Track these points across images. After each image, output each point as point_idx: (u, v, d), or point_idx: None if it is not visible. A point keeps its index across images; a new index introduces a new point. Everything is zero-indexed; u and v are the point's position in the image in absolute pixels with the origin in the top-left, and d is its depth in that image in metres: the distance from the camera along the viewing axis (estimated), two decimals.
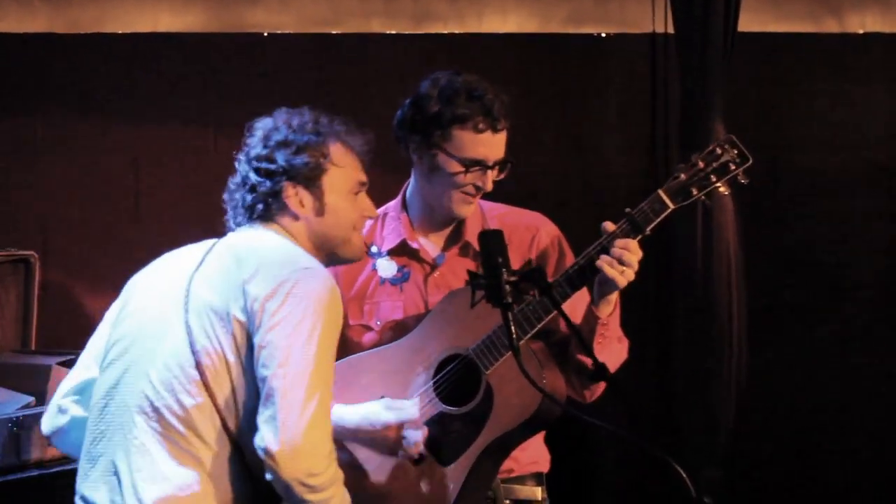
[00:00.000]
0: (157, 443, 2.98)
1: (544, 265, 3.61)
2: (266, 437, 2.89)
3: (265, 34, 5.46)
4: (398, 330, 3.60)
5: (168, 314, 3.07)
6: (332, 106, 3.34)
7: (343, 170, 3.23)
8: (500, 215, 3.71)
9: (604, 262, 3.33)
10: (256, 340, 2.95)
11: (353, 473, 3.40)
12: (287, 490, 2.92)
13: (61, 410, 3.24)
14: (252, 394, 2.98)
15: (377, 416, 3.41)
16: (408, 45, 5.47)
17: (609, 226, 3.38)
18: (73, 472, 3.17)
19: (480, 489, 3.50)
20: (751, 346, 5.06)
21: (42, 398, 4.18)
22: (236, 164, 3.28)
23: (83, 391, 3.22)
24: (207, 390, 2.97)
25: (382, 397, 3.46)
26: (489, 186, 3.55)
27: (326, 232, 3.21)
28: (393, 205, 3.73)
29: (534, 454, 3.67)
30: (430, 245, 3.67)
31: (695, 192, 3.39)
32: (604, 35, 5.54)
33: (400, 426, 3.39)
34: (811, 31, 5.59)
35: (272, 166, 3.18)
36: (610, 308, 3.43)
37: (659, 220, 3.38)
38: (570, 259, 3.60)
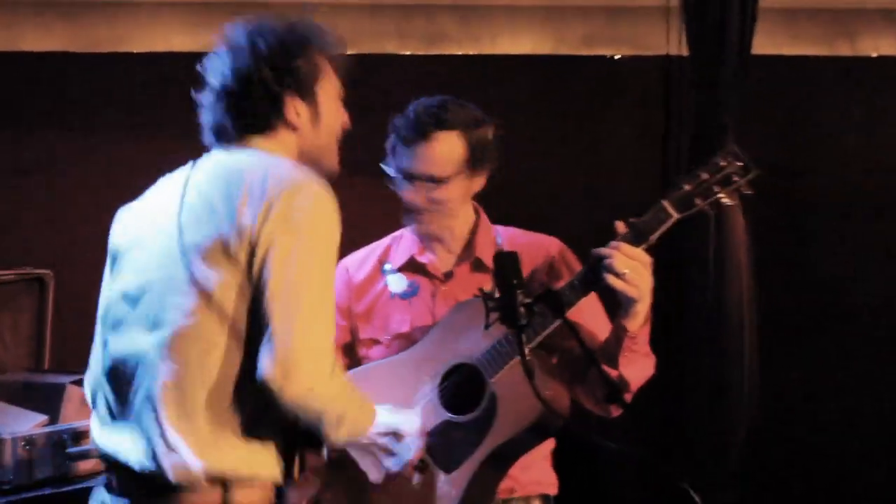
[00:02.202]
0: (182, 390, 2.90)
1: (555, 281, 3.60)
2: (264, 365, 2.82)
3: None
4: (405, 342, 3.63)
5: (166, 262, 2.97)
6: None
7: (329, 76, 3.18)
8: (513, 237, 3.75)
9: (608, 275, 3.35)
10: (254, 263, 2.87)
11: (355, 478, 3.42)
12: (297, 410, 2.86)
13: None
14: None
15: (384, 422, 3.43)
16: (421, 67, 5.48)
17: (620, 225, 3.41)
18: (87, 490, 3.17)
19: (483, 499, 3.51)
20: (763, 363, 5.06)
21: (55, 417, 4.19)
22: (214, 73, 3.14)
23: None
24: (222, 323, 2.89)
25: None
26: (418, 202, 3.60)
27: (317, 142, 3.13)
28: (407, 226, 3.78)
29: (537, 475, 3.69)
30: (439, 260, 3.72)
31: (698, 202, 3.39)
32: (617, 57, 5.56)
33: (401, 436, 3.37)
34: (825, 54, 5.60)
35: (268, 75, 3.06)
36: (638, 321, 3.41)
37: (663, 229, 3.39)
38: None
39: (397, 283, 3.71)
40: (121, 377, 3.02)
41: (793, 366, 5.42)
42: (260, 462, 2.96)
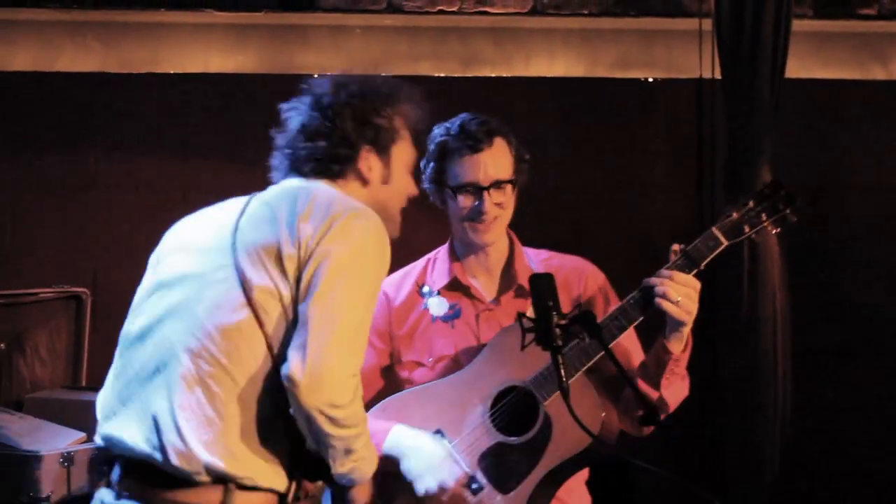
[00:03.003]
0: (203, 382, 2.91)
1: (592, 306, 3.66)
2: (292, 363, 2.84)
3: (315, 76, 5.49)
4: (451, 365, 3.65)
5: (215, 257, 3.01)
6: None
7: (406, 143, 3.25)
8: (546, 260, 3.77)
9: (661, 300, 3.41)
10: (304, 273, 2.91)
11: (410, 500, 3.44)
12: (308, 421, 2.87)
13: None
14: None
15: (433, 449, 3.46)
16: (456, 88, 5.51)
17: (676, 248, 3.49)
18: None
19: None
20: (796, 386, 5.05)
21: (92, 434, 4.20)
22: (294, 114, 3.22)
23: None
24: (259, 324, 2.92)
25: (437, 430, 3.52)
26: (487, 207, 3.62)
27: (385, 202, 3.19)
28: (441, 249, 3.80)
29: (579, 498, 3.69)
30: (482, 287, 3.74)
31: (746, 229, 3.52)
32: (651, 80, 5.57)
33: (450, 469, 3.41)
34: (857, 78, 5.60)
35: (349, 126, 3.15)
36: (682, 345, 3.49)
37: (713, 255, 3.49)
38: (614, 304, 3.63)
39: (438, 306, 3.72)
40: (139, 361, 3.02)
41: (826, 385, 5.41)
42: (265, 471, 2.96)
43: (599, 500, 3.78)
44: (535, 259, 3.76)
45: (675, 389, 3.55)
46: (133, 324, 3.08)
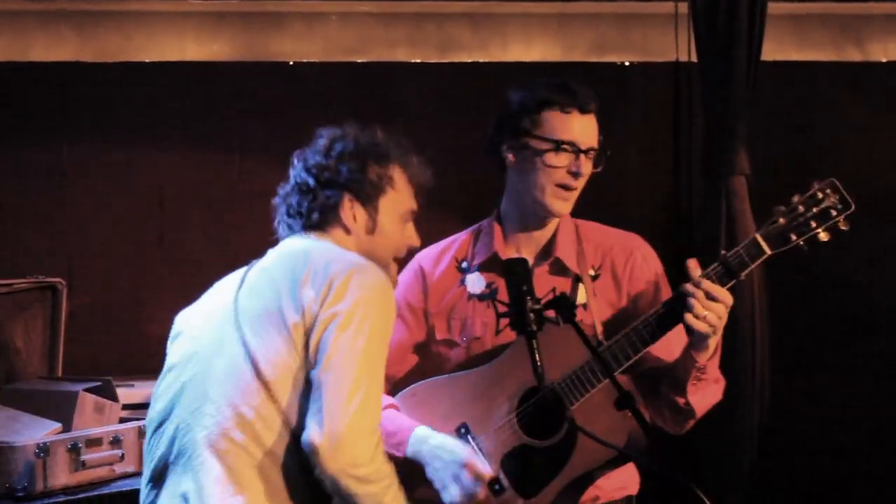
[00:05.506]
0: (222, 461, 2.95)
1: (638, 292, 3.56)
2: (310, 431, 2.88)
3: (291, 63, 5.49)
4: (484, 347, 3.55)
5: (219, 333, 3.06)
6: None
7: (400, 195, 3.25)
8: (596, 233, 3.65)
9: (687, 313, 3.27)
10: (312, 339, 2.95)
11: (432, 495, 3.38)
12: (334, 484, 2.90)
13: None
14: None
15: (455, 454, 3.37)
16: (433, 74, 5.49)
17: (693, 264, 3.32)
18: (99, 499, 3.18)
19: None
20: (775, 373, 5.05)
21: (68, 425, 4.20)
22: (291, 170, 3.26)
23: None
24: (270, 397, 2.95)
25: (462, 423, 3.44)
26: (585, 171, 3.49)
27: (372, 251, 3.19)
28: (487, 220, 3.68)
29: (620, 479, 3.57)
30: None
31: (793, 237, 3.31)
32: (627, 64, 5.57)
33: (473, 465, 3.34)
34: (834, 60, 5.60)
35: (334, 176, 3.18)
36: (709, 353, 3.36)
37: (754, 266, 3.31)
38: (665, 294, 3.52)
39: (475, 283, 3.60)
40: (162, 446, 3.07)
41: (801, 371, 5.41)
42: None
43: None
44: (583, 228, 3.63)
45: (704, 395, 3.43)
46: (154, 409, 3.14)
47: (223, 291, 3.17)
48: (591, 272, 3.57)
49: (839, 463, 5.47)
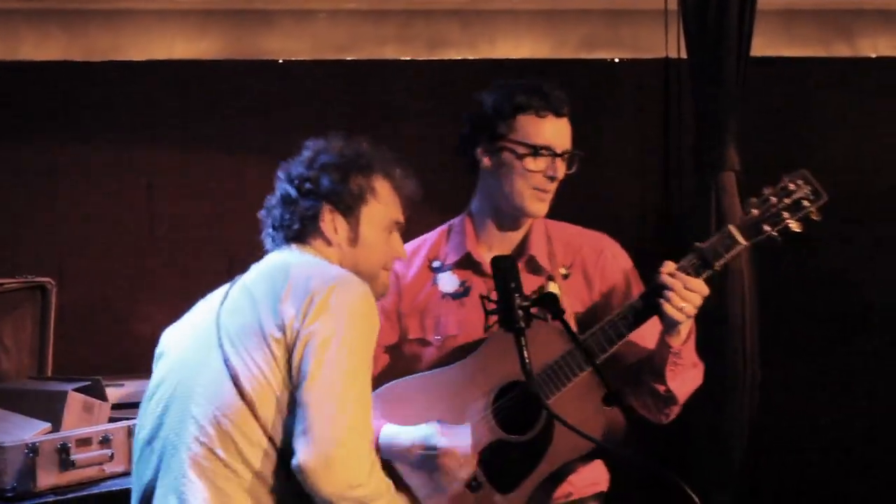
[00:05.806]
0: (208, 481, 2.93)
1: (610, 289, 3.60)
2: (299, 453, 2.84)
3: (280, 61, 5.49)
4: (457, 346, 3.55)
5: (202, 350, 3.03)
6: (346, 132, 3.35)
7: (383, 207, 3.22)
8: (564, 233, 3.70)
9: (665, 304, 3.33)
10: (294, 356, 2.91)
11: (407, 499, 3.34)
12: None
13: None
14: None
15: (430, 440, 3.35)
16: (421, 71, 5.49)
17: (669, 266, 3.37)
18: (89, 499, 3.18)
19: None
20: (766, 368, 5.05)
21: (58, 424, 4.19)
22: (276, 182, 3.25)
23: None
24: (254, 416, 2.92)
25: (438, 421, 3.41)
26: (560, 174, 3.55)
27: (355, 263, 3.16)
28: (458, 219, 3.71)
29: (591, 475, 3.61)
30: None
31: (767, 228, 3.37)
32: (617, 60, 5.56)
33: (452, 452, 3.32)
34: (823, 55, 5.60)
35: (315, 187, 3.16)
36: (682, 338, 3.41)
37: (729, 256, 3.37)
38: (636, 289, 3.57)
39: (448, 282, 3.62)
40: (150, 467, 3.05)
41: (793, 368, 5.41)
42: None
43: None
44: (552, 229, 3.67)
45: (683, 380, 3.46)
46: (142, 429, 3.12)
47: (206, 309, 3.14)
48: (563, 271, 3.61)
49: (831, 460, 5.47)
